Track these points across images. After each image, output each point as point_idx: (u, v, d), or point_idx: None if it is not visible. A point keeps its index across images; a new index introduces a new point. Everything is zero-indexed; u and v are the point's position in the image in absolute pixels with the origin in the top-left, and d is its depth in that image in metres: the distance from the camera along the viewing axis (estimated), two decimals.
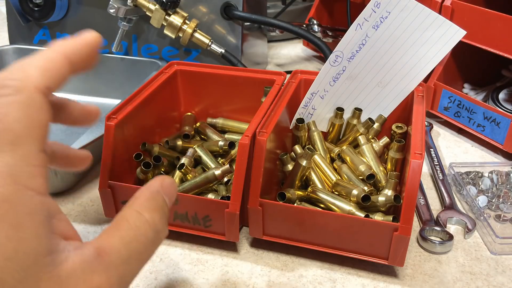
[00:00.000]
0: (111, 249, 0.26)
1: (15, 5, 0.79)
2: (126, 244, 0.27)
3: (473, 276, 0.47)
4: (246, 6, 0.77)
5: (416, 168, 0.42)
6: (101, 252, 0.26)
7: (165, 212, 0.29)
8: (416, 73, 0.52)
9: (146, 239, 0.28)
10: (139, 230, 0.27)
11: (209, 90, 0.62)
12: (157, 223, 0.28)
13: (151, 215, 0.28)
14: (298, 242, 0.47)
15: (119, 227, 0.27)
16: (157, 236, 0.28)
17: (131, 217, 0.28)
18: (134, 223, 0.27)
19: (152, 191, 0.29)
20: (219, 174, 0.50)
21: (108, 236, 0.27)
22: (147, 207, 0.28)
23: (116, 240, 0.27)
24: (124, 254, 0.26)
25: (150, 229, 0.28)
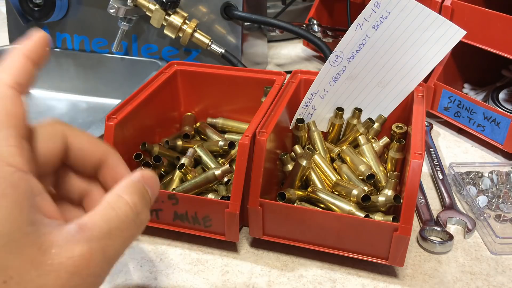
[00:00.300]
0: (92, 225, 0.28)
1: (15, 5, 0.79)
2: (107, 221, 0.28)
3: (473, 276, 0.47)
4: (246, 6, 0.77)
5: (416, 168, 0.42)
6: (83, 227, 0.27)
7: (145, 197, 0.31)
8: (416, 73, 0.52)
9: (127, 218, 0.29)
10: (120, 209, 0.29)
11: (209, 90, 0.62)
12: (137, 204, 0.30)
13: (131, 197, 0.30)
14: (298, 242, 0.47)
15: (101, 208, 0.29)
16: (137, 217, 0.30)
17: (112, 199, 0.29)
18: (115, 204, 0.29)
19: (132, 179, 0.31)
20: (219, 174, 0.50)
21: (90, 215, 0.28)
22: (126, 191, 0.30)
23: (97, 217, 0.28)
24: (105, 229, 0.28)
25: (130, 209, 0.30)
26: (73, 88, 0.82)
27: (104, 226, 0.28)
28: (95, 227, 0.28)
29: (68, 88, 0.83)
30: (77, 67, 0.82)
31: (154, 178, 0.33)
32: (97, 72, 0.81)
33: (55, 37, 0.83)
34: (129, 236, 0.30)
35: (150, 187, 0.32)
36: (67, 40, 0.83)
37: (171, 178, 0.54)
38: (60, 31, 0.82)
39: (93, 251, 0.27)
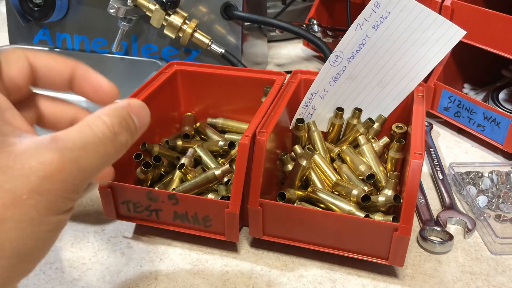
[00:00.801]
0: (66, 137, 0.27)
1: (15, 5, 0.79)
2: (81, 136, 0.28)
3: (473, 276, 0.47)
4: (246, 6, 0.77)
5: (416, 168, 0.42)
6: (56, 138, 0.27)
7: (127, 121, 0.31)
8: (416, 73, 0.52)
9: (103, 135, 0.29)
10: (96, 127, 0.29)
11: (209, 90, 0.62)
12: (115, 125, 0.30)
13: (110, 118, 0.30)
14: (298, 242, 0.47)
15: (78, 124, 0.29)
16: (115, 137, 0.30)
17: (90, 118, 0.29)
18: (92, 122, 0.29)
19: (117, 105, 0.31)
20: (219, 174, 0.50)
21: (65, 130, 0.28)
22: (107, 113, 0.30)
23: (72, 132, 0.28)
24: (79, 142, 0.28)
25: (107, 128, 0.29)
26: None
27: (78, 140, 0.28)
28: (69, 140, 0.27)
29: None
30: None
31: (141, 107, 0.32)
32: None
33: (55, 37, 0.83)
34: (105, 153, 0.29)
35: (136, 115, 0.32)
36: (67, 40, 0.83)
37: (171, 178, 0.54)
38: (60, 31, 0.82)
39: (65, 159, 0.27)
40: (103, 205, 0.51)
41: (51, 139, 0.27)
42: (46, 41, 0.83)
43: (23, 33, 0.84)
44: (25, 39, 0.84)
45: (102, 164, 0.29)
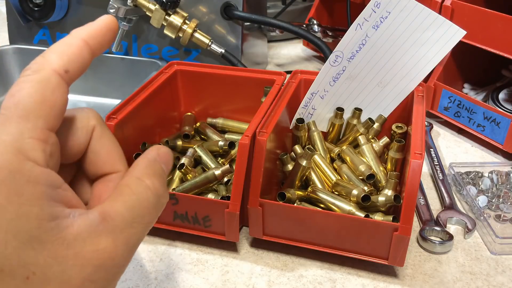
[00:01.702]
0: (115, 214, 0.26)
1: (15, 5, 0.79)
2: (129, 209, 0.27)
3: (473, 276, 0.47)
4: (246, 6, 0.77)
5: (416, 168, 0.42)
6: (106, 217, 0.26)
7: (164, 178, 0.30)
8: (416, 73, 0.52)
9: (149, 204, 0.28)
10: (141, 195, 0.28)
11: (209, 90, 0.62)
12: (158, 188, 0.29)
13: (151, 180, 0.28)
14: (298, 242, 0.47)
15: (122, 193, 0.28)
16: (158, 201, 0.29)
17: (132, 183, 0.28)
18: (136, 189, 0.28)
19: (149, 159, 0.30)
20: (219, 174, 0.50)
21: (111, 202, 0.27)
22: (146, 173, 0.29)
23: (119, 205, 0.27)
24: (128, 218, 0.27)
25: (152, 193, 0.28)
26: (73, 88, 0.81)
27: (126, 215, 0.27)
28: (118, 216, 0.27)
29: None
30: None
31: (169, 155, 0.31)
32: (97, 72, 0.81)
33: (55, 37, 0.83)
34: (150, 222, 0.28)
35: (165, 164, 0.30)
36: None
37: (171, 178, 0.54)
38: (60, 31, 0.82)
39: (117, 243, 0.26)
40: None
41: (101, 218, 0.26)
42: (46, 41, 0.83)
43: (23, 33, 0.84)
44: (25, 39, 0.84)
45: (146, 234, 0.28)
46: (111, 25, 0.28)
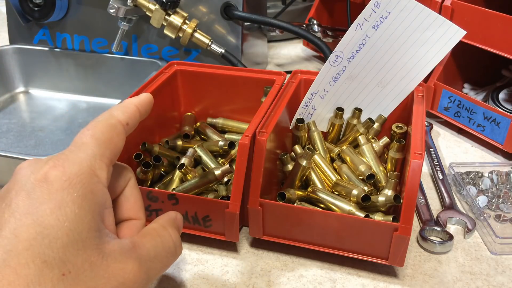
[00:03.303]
0: (143, 246, 0.32)
1: (15, 5, 0.79)
2: (154, 247, 0.32)
3: (473, 276, 0.47)
4: (246, 6, 0.77)
5: (416, 168, 0.42)
6: (135, 245, 0.31)
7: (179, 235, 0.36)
8: (416, 73, 0.52)
9: (169, 248, 0.34)
10: (164, 238, 0.34)
11: (209, 90, 0.62)
12: (176, 239, 0.35)
13: (173, 231, 0.35)
14: (298, 242, 0.47)
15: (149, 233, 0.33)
16: (175, 250, 0.35)
17: (158, 228, 0.34)
18: (161, 233, 0.34)
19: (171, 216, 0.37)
20: (219, 174, 0.50)
21: (140, 236, 0.33)
22: (170, 225, 0.35)
23: (147, 241, 0.32)
24: (152, 253, 0.32)
25: (172, 241, 0.34)
26: (73, 88, 0.82)
27: (151, 250, 0.32)
28: (144, 249, 0.31)
29: (68, 88, 0.83)
30: (77, 67, 0.82)
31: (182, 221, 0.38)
32: (97, 72, 0.81)
33: (55, 37, 0.83)
34: (167, 264, 0.34)
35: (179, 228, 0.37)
36: (67, 40, 0.83)
37: (171, 178, 0.54)
38: (60, 31, 0.82)
39: (141, 270, 0.30)
40: None
41: (132, 245, 0.31)
42: (46, 41, 0.83)
43: (23, 33, 0.84)
44: (25, 39, 0.84)
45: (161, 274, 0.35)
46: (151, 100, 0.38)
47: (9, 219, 0.27)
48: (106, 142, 0.32)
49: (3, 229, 0.26)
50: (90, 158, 0.30)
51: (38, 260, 0.26)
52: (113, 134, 0.33)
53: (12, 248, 0.26)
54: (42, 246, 0.26)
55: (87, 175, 0.29)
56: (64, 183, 0.28)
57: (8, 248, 0.26)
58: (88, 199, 0.28)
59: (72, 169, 0.29)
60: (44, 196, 0.27)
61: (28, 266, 0.25)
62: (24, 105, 0.81)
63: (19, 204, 0.27)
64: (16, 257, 0.26)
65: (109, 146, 0.32)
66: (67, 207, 0.27)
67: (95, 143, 0.31)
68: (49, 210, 0.27)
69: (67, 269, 0.26)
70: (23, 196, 0.28)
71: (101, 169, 0.30)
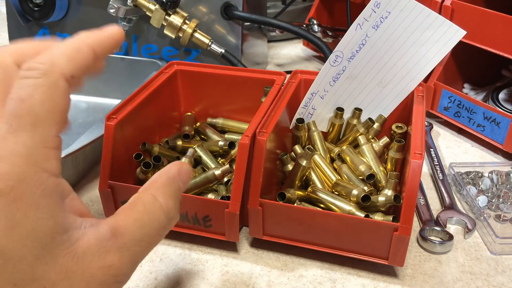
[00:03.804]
0: (125, 230, 0.27)
1: (15, 5, 0.79)
2: (140, 227, 0.27)
3: (473, 276, 0.47)
4: (246, 6, 0.77)
5: (416, 168, 0.42)
6: (116, 233, 0.26)
7: (179, 198, 0.30)
8: (416, 73, 0.52)
9: (159, 224, 0.28)
10: (153, 214, 0.28)
11: (209, 90, 0.62)
12: (171, 209, 0.29)
13: (166, 201, 0.29)
14: (298, 242, 0.47)
15: (135, 209, 0.28)
16: (169, 223, 0.29)
17: (147, 200, 0.28)
18: (149, 207, 0.28)
19: (169, 176, 0.30)
20: (219, 174, 0.50)
21: (123, 216, 0.27)
22: (163, 193, 0.29)
23: (130, 222, 0.27)
24: (137, 236, 0.27)
25: (164, 214, 0.28)
26: None
27: (136, 233, 0.27)
28: (127, 234, 0.27)
29: None
30: None
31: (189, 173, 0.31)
32: None
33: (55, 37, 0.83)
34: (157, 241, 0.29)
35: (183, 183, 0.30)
36: None
37: None
38: (60, 31, 0.82)
39: (123, 260, 0.26)
40: (103, 205, 0.51)
41: (111, 234, 0.26)
42: None
43: (23, 33, 0.84)
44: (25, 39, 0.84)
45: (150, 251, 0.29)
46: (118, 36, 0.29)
47: None
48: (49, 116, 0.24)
49: None
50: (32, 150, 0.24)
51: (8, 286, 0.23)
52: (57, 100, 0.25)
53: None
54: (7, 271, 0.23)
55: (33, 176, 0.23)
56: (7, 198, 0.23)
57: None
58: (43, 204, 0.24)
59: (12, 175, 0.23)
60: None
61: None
62: None
63: None
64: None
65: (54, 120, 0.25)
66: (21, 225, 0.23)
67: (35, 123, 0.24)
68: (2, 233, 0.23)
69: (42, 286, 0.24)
70: None
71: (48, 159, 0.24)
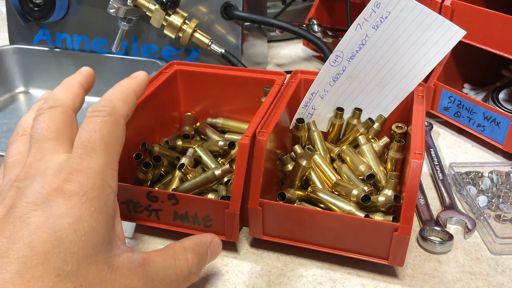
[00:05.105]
0: (153, 265, 0.31)
1: (15, 5, 0.79)
2: (165, 268, 0.32)
3: (473, 276, 0.47)
4: (246, 6, 0.77)
5: (416, 168, 0.42)
6: (145, 263, 0.31)
7: (203, 260, 0.35)
8: (416, 73, 0.52)
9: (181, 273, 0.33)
10: (179, 262, 0.33)
11: (209, 90, 0.62)
12: (193, 265, 0.34)
13: (192, 256, 0.34)
14: (298, 242, 0.47)
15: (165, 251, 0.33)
16: (187, 276, 0.34)
17: (177, 249, 0.34)
18: (177, 255, 0.33)
19: (201, 240, 0.36)
20: (219, 174, 0.50)
21: (154, 254, 0.32)
22: (192, 249, 0.35)
23: (159, 260, 0.32)
24: (161, 273, 0.32)
25: (187, 266, 0.34)
26: None
27: (161, 271, 0.32)
28: (154, 268, 0.31)
29: None
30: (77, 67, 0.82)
31: (219, 247, 0.38)
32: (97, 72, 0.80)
33: (55, 37, 0.83)
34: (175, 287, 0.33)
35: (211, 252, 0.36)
36: (67, 40, 0.83)
37: (171, 178, 0.54)
38: (60, 31, 0.82)
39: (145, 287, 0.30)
40: None
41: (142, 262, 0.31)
42: (46, 41, 0.83)
43: (23, 33, 0.84)
44: (25, 39, 0.84)
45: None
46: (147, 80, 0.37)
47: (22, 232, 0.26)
48: (113, 145, 0.31)
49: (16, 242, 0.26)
50: (103, 168, 0.30)
51: (52, 273, 0.26)
52: (119, 134, 0.32)
53: (27, 260, 0.26)
54: (57, 260, 0.26)
55: (101, 188, 0.29)
56: (81, 198, 0.28)
57: (22, 261, 0.26)
58: (103, 212, 0.28)
59: (87, 183, 0.28)
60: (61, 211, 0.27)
61: (41, 279, 0.25)
62: (24, 105, 0.81)
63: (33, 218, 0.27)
64: (31, 269, 0.25)
65: (117, 149, 0.32)
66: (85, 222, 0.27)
67: (105, 149, 0.30)
68: (67, 225, 0.27)
69: (79, 283, 0.26)
70: (36, 210, 0.27)
71: (112, 179, 0.30)
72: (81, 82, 0.36)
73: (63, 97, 0.34)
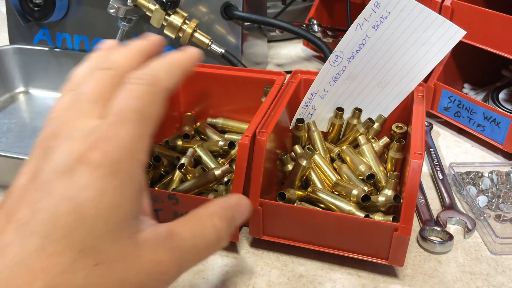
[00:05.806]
0: (179, 235, 0.29)
1: (15, 5, 0.79)
2: (192, 237, 0.30)
3: (473, 276, 0.47)
4: (246, 6, 0.77)
5: (416, 168, 0.42)
6: (171, 234, 0.29)
7: (232, 224, 0.33)
8: (416, 73, 0.52)
9: (209, 240, 0.31)
10: (206, 229, 0.31)
11: (209, 90, 0.62)
12: (221, 230, 0.32)
13: (220, 222, 0.32)
14: (298, 242, 0.47)
15: (190, 220, 0.31)
16: (217, 243, 0.32)
17: (203, 216, 0.32)
18: (204, 222, 0.31)
19: (228, 203, 0.33)
20: (219, 174, 0.50)
21: (180, 224, 0.30)
22: (219, 214, 0.32)
23: (184, 229, 0.30)
24: (188, 243, 0.30)
25: (215, 232, 0.31)
26: None
27: (188, 240, 0.30)
28: (180, 238, 0.29)
29: None
30: None
31: (248, 207, 0.35)
32: None
33: (55, 37, 0.83)
34: (202, 257, 0.31)
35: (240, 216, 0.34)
36: (67, 40, 0.83)
37: (171, 178, 0.54)
38: (60, 31, 0.82)
39: (172, 259, 0.28)
40: None
41: (167, 234, 0.29)
42: (46, 41, 0.83)
43: (23, 33, 0.84)
44: (25, 39, 0.84)
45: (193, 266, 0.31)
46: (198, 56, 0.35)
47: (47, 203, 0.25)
48: (149, 118, 0.29)
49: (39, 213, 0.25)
50: (133, 139, 0.27)
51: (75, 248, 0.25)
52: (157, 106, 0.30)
53: (49, 234, 0.24)
54: (80, 234, 0.25)
55: (129, 161, 0.27)
56: (105, 170, 0.26)
57: (45, 234, 0.24)
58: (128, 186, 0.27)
59: (113, 153, 0.26)
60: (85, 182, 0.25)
61: (64, 254, 0.24)
62: (24, 105, 0.81)
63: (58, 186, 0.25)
64: (53, 244, 0.24)
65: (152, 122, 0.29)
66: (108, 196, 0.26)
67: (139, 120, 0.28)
68: (91, 198, 0.25)
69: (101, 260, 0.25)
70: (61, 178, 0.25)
71: (141, 151, 0.28)
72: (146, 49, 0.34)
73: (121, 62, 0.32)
